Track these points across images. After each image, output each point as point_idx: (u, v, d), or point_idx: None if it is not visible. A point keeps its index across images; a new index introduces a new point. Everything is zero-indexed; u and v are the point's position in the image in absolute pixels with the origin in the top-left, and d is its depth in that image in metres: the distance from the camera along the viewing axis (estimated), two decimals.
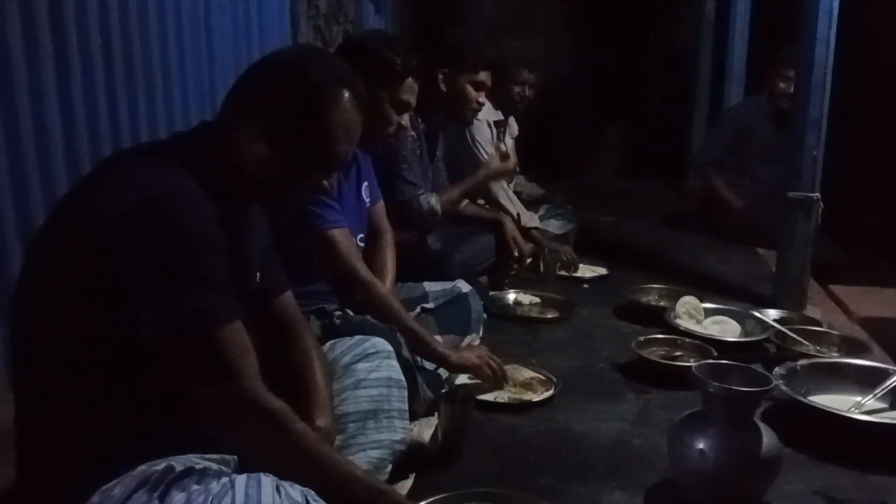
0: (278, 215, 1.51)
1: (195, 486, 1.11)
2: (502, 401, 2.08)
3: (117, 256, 1.11)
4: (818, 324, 2.65)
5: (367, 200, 2.20)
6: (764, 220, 3.89)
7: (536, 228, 3.26)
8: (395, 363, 1.62)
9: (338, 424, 1.47)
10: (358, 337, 1.63)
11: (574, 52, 6.15)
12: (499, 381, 2.10)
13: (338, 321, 1.92)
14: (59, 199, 1.28)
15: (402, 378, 1.61)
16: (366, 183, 2.19)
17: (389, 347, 1.63)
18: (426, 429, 1.89)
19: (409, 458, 1.67)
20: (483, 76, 2.72)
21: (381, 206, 2.28)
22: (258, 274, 1.41)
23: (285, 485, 1.11)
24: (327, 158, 1.34)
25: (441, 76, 2.64)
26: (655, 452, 1.85)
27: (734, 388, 1.58)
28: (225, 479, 1.11)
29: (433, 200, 2.58)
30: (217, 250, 1.16)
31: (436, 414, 1.92)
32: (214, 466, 1.18)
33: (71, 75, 1.79)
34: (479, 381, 2.13)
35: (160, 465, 1.17)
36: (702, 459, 1.56)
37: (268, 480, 1.10)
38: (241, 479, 1.10)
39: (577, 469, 1.77)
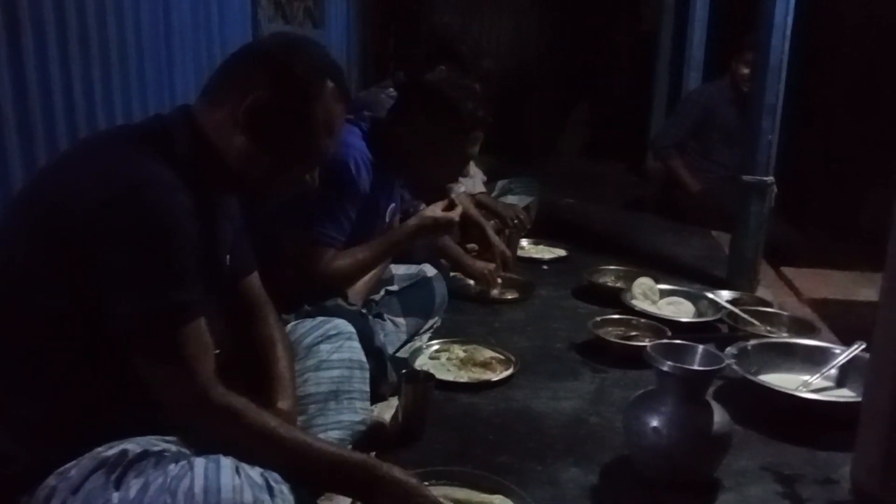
0: (255, 206, 1.50)
1: (152, 470, 1.11)
2: (462, 380, 2.10)
3: (91, 247, 1.10)
4: (769, 305, 2.73)
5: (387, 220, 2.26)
6: (721, 203, 3.97)
7: (484, 194, 3.29)
8: (356, 344, 1.63)
9: (300, 405, 1.48)
10: (320, 318, 1.64)
11: (541, 33, 6.19)
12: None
13: (308, 307, 1.93)
14: (31, 182, 1.25)
15: (364, 359, 1.62)
16: (392, 205, 2.28)
17: (351, 329, 1.64)
18: (387, 409, 1.91)
19: (370, 438, 1.68)
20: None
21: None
22: (228, 256, 1.40)
23: (245, 466, 1.12)
24: (309, 152, 1.32)
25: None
26: (611, 430, 1.89)
27: (687, 367, 1.62)
28: (183, 461, 1.11)
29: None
30: (191, 245, 1.14)
31: (398, 395, 1.94)
32: (173, 448, 1.19)
33: (24, 55, 1.75)
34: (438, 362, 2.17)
35: (117, 448, 1.18)
36: (656, 436, 1.60)
37: (227, 462, 1.10)
38: (199, 461, 1.10)
39: (536, 447, 1.80)
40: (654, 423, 1.61)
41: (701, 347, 1.71)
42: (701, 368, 1.62)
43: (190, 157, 1.21)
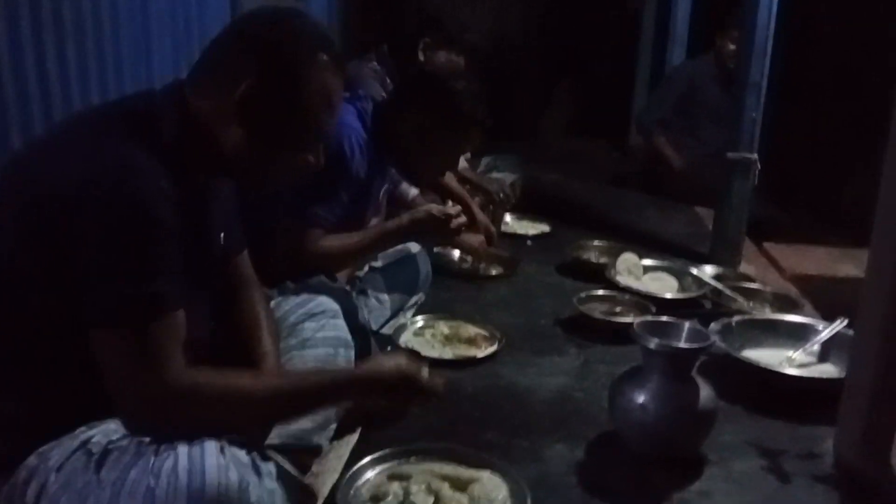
0: (254, 192, 1.46)
1: (135, 450, 1.09)
2: (447, 357, 2.09)
3: (69, 235, 1.05)
4: (752, 281, 2.74)
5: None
6: (704, 180, 3.98)
7: (467, 169, 3.26)
8: (341, 322, 1.61)
9: None
10: (304, 295, 1.61)
11: (524, 11, 6.12)
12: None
13: (291, 284, 1.90)
14: (10, 164, 1.20)
15: (349, 337, 1.60)
16: (385, 186, 2.26)
17: (336, 306, 1.62)
18: None
19: (355, 415, 1.67)
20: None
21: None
22: (221, 236, 1.36)
23: (229, 446, 1.10)
24: (309, 134, 1.26)
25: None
26: (597, 406, 1.89)
27: (673, 344, 1.62)
28: (166, 443, 1.09)
29: (413, 192, 2.61)
30: (170, 236, 1.09)
31: None
32: None
33: None
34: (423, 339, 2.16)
35: (98, 428, 1.15)
36: (642, 413, 1.61)
37: (211, 442, 1.08)
38: (183, 441, 1.08)
39: (522, 424, 1.80)
40: (641, 399, 1.61)
41: (687, 324, 1.71)
42: (687, 346, 1.62)
43: (177, 142, 1.16)
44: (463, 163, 3.22)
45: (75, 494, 1.06)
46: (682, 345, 1.64)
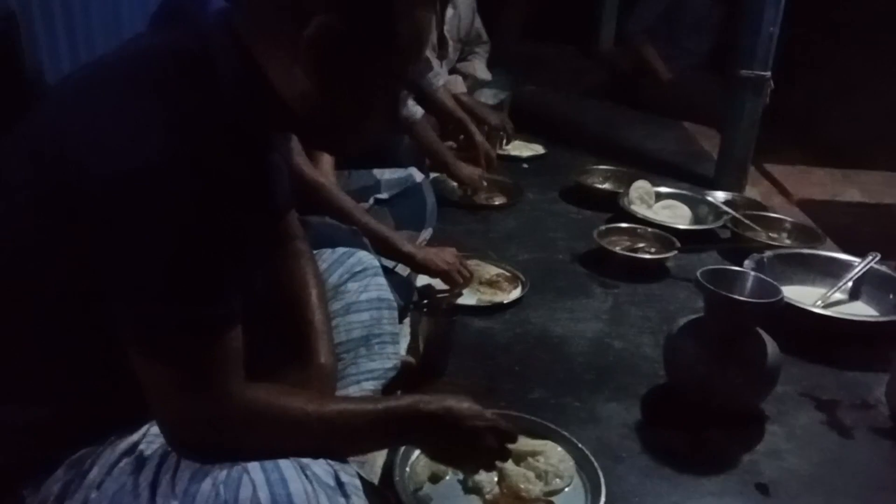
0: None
1: (191, 472, 0.90)
2: (472, 303, 1.95)
3: (104, 228, 0.82)
4: (764, 208, 2.65)
5: None
6: (693, 93, 3.85)
7: (465, 94, 3.04)
8: (382, 280, 1.43)
9: None
10: (341, 250, 1.42)
11: None
12: (465, 285, 1.96)
13: None
14: (32, 119, 0.93)
15: (392, 297, 1.43)
16: None
17: (376, 262, 1.44)
18: (401, 340, 1.74)
19: (395, 377, 1.52)
20: None
21: None
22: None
23: (310, 463, 0.93)
24: (396, 84, 0.99)
25: None
26: (639, 356, 1.79)
27: (745, 299, 1.50)
28: None
29: (417, 113, 2.37)
30: (228, 241, 0.87)
31: (407, 322, 1.77)
32: None
33: None
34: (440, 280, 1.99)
35: (141, 432, 0.97)
36: (705, 371, 1.51)
37: (288, 461, 0.90)
38: (253, 462, 0.89)
39: (567, 379, 1.69)
40: (703, 356, 1.51)
41: (752, 274, 1.60)
42: (758, 301, 1.50)
43: (237, 95, 0.90)
44: (461, 87, 2.99)
45: None
46: (750, 298, 1.52)
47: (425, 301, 1.70)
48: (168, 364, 0.87)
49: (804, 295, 2.01)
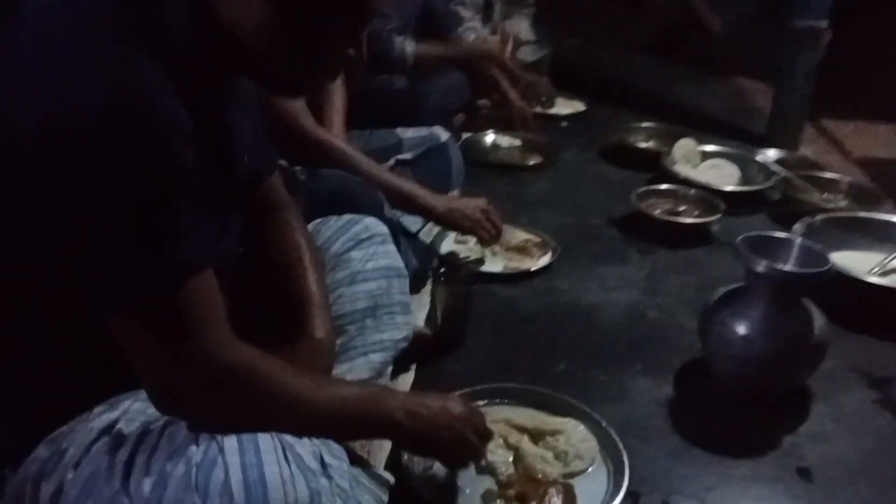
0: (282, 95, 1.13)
1: (168, 449, 0.84)
2: (497, 271, 1.84)
3: (49, 182, 0.75)
4: (820, 168, 2.47)
5: None
6: (746, 46, 3.62)
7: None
8: (392, 248, 1.34)
9: (335, 327, 1.21)
10: (346, 217, 1.33)
11: None
12: (494, 240, 1.83)
13: (302, 176, 1.61)
14: None
15: (402, 265, 1.34)
16: None
17: (385, 229, 1.34)
18: (419, 309, 1.65)
19: (409, 348, 1.43)
20: None
21: None
22: (246, 157, 1.06)
23: (292, 442, 0.86)
24: (357, 11, 0.90)
25: None
26: (674, 327, 1.68)
27: (790, 270, 1.37)
28: (207, 438, 0.84)
29: (408, 47, 2.19)
30: (186, 178, 0.80)
31: (426, 289, 1.69)
32: None
33: None
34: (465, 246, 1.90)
35: (121, 409, 0.92)
36: (745, 346, 1.38)
37: (267, 442, 0.83)
38: (230, 441, 0.83)
39: (595, 352, 1.58)
40: (743, 330, 1.38)
41: (799, 240, 1.46)
42: (804, 271, 1.37)
43: (187, 33, 0.83)
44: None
45: None
46: (796, 268, 1.39)
47: (442, 269, 1.61)
48: (139, 319, 0.81)
49: (859, 262, 1.86)
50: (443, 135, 2.18)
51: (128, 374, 0.91)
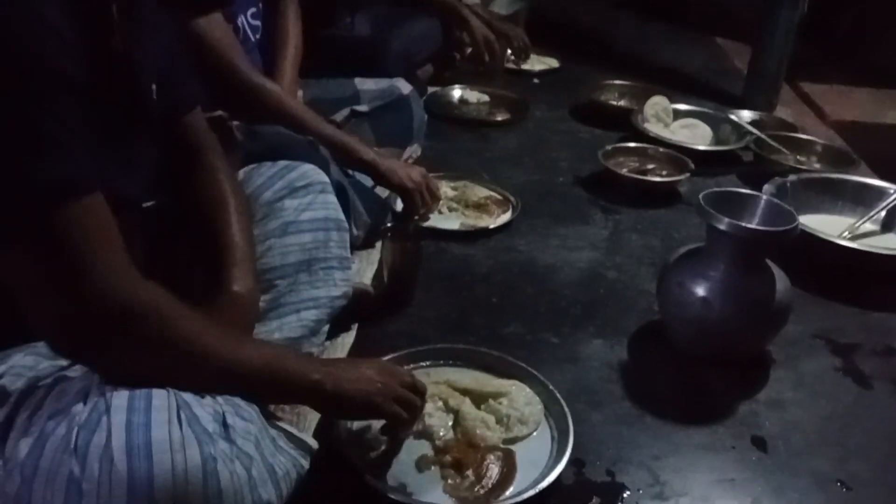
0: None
1: (52, 407, 0.77)
2: (454, 228, 1.76)
3: None
4: (795, 129, 2.39)
5: None
6: (730, 4, 3.53)
7: (477, 5, 2.78)
8: (331, 197, 1.26)
9: (262, 282, 1.12)
10: (282, 164, 1.24)
11: None
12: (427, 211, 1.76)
13: (240, 135, 1.51)
14: None
15: (342, 217, 1.26)
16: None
17: (324, 178, 1.26)
18: (367, 267, 1.57)
19: (351, 307, 1.35)
20: None
21: None
22: (154, 88, 0.97)
23: (191, 402, 0.78)
24: None
25: None
26: (634, 288, 1.61)
27: (753, 227, 1.29)
28: (97, 395, 0.76)
29: None
30: (62, 85, 0.72)
31: (377, 246, 1.60)
32: (78, 370, 0.84)
33: None
34: None
35: (6, 364, 0.85)
36: (704, 308, 1.31)
37: (162, 401, 0.76)
38: (121, 397, 0.75)
39: (548, 312, 1.51)
40: (702, 292, 1.31)
41: (763, 198, 1.38)
42: (769, 229, 1.29)
43: None
44: None
45: None
46: (761, 226, 1.31)
47: (389, 224, 1.52)
48: (22, 247, 0.74)
49: (830, 225, 1.79)
50: (404, 87, 2.08)
51: (17, 328, 0.83)
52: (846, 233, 1.76)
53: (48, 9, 0.71)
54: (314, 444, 0.97)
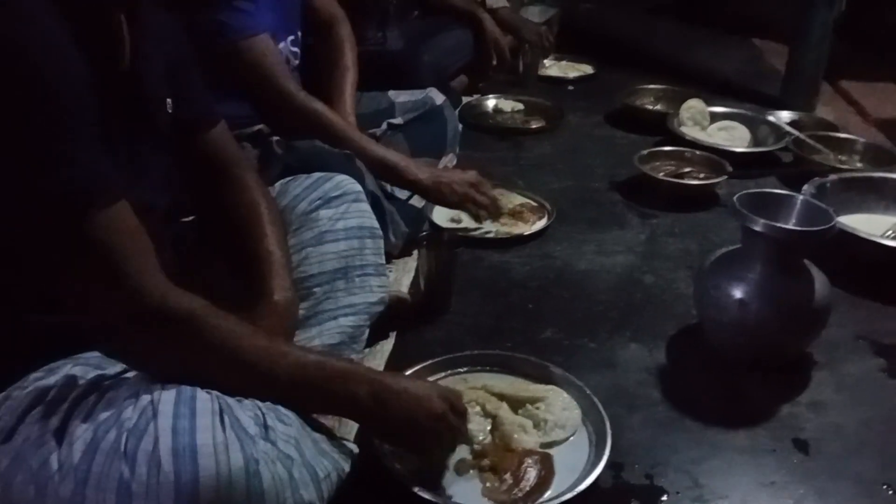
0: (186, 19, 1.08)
1: (103, 414, 0.80)
2: (490, 235, 1.77)
3: None
4: (835, 129, 2.35)
5: None
6: (765, 6, 3.48)
7: (505, 9, 2.79)
8: (365, 206, 1.28)
9: (300, 290, 1.15)
10: (316, 175, 1.27)
11: None
12: (493, 215, 1.74)
13: (279, 149, 1.55)
14: None
15: (376, 225, 1.28)
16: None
17: (358, 187, 1.28)
18: (404, 275, 1.60)
19: (388, 315, 1.37)
20: None
21: None
22: (169, 101, 1.00)
23: (233, 405, 0.81)
24: None
25: None
26: (671, 292, 1.60)
27: (789, 227, 1.29)
28: (145, 401, 0.79)
29: None
30: (73, 97, 0.75)
31: (414, 254, 1.62)
32: (132, 374, 0.87)
33: None
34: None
35: (58, 375, 0.87)
36: (741, 311, 1.30)
37: (205, 403, 0.79)
38: (167, 402, 0.78)
39: (584, 318, 1.51)
40: (740, 294, 1.30)
41: (800, 198, 1.37)
42: (805, 229, 1.28)
43: None
44: (502, 0, 2.74)
45: (30, 477, 0.78)
46: (797, 226, 1.30)
47: (424, 233, 1.54)
48: (63, 258, 0.78)
49: (873, 224, 1.76)
50: (438, 98, 2.10)
51: (64, 340, 0.87)
52: (890, 232, 1.73)
53: (54, 28, 0.74)
54: (355, 448, 0.99)
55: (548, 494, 1.06)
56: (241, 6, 1.49)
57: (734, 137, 2.29)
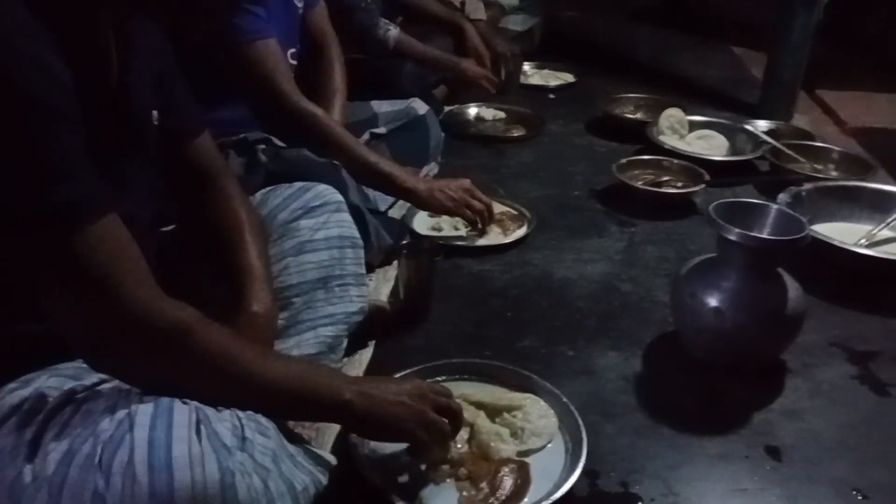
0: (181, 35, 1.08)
1: (80, 427, 0.80)
2: (469, 244, 1.78)
3: None
4: (811, 137, 2.38)
5: (300, 3, 1.74)
6: (741, 11, 3.53)
7: (482, 22, 2.81)
8: (346, 216, 1.28)
9: (279, 300, 1.16)
10: (298, 185, 1.27)
11: None
12: (483, 223, 1.77)
13: (264, 157, 1.56)
14: None
15: (357, 235, 1.29)
16: None
17: (339, 197, 1.28)
18: (384, 284, 1.60)
19: (368, 323, 1.38)
20: None
21: (321, 8, 1.83)
22: (155, 113, 1.01)
23: (211, 417, 0.81)
24: None
25: None
26: (649, 300, 1.62)
27: (763, 236, 1.31)
28: (122, 413, 0.80)
29: (392, 32, 2.16)
30: (61, 113, 0.75)
31: (394, 264, 1.63)
32: (108, 385, 0.87)
33: None
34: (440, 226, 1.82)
35: (34, 386, 0.87)
36: (717, 318, 1.32)
37: (182, 415, 0.79)
38: (144, 414, 0.79)
39: (563, 325, 1.52)
40: (715, 302, 1.32)
41: (774, 207, 1.39)
42: (779, 238, 1.30)
43: None
44: (481, 13, 2.76)
45: (4, 490, 0.79)
46: (772, 235, 1.32)
47: (404, 241, 1.55)
48: (53, 273, 0.77)
49: (847, 232, 1.79)
50: (420, 108, 2.12)
51: (41, 351, 0.87)
52: (863, 240, 1.76)
53: (41, 45, 0.74)
54: (333, 460, 1.00)
55: (524, 503, 1.07)
56: (253, 10, 1.51)
57: (712, 146, 2.32)
